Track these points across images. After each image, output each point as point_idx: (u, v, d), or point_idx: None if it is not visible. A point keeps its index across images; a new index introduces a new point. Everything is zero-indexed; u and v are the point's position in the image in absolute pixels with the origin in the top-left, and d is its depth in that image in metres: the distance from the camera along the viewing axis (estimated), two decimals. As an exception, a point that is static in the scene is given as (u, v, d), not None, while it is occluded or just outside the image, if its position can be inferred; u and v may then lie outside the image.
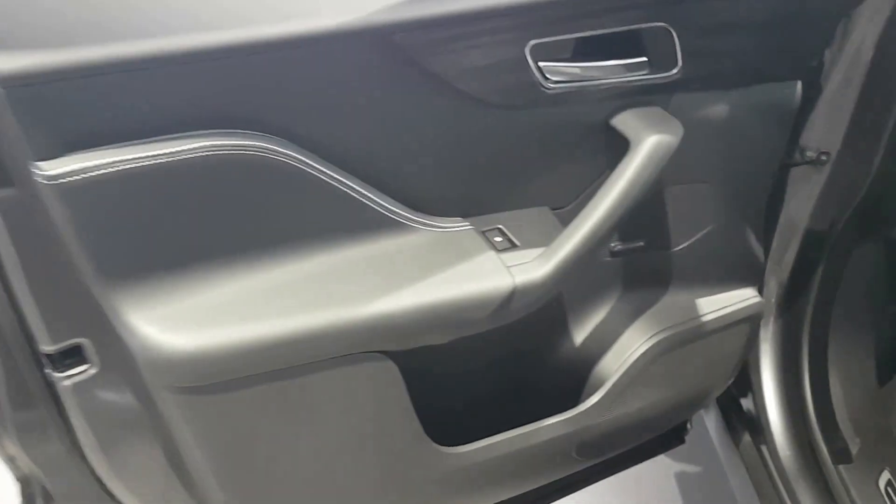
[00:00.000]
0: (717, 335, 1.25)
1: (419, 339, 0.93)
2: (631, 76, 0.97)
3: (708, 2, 0.95)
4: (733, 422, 1.57)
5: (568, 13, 0.88)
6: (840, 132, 1.33)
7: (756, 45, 1.02)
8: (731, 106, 1.07)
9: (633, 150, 0.95)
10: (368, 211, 0.90)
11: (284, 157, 0.82)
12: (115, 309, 0.79)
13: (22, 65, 0.68)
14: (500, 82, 0.90)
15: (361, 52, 0.81)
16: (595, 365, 1.18)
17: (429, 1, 0.80)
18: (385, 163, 0.90)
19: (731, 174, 1.14)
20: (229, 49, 0.76)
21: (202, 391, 0.85)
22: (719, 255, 1.22)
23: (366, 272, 0.89)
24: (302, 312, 0.84)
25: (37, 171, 0.72)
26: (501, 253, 0.95)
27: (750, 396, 1.53)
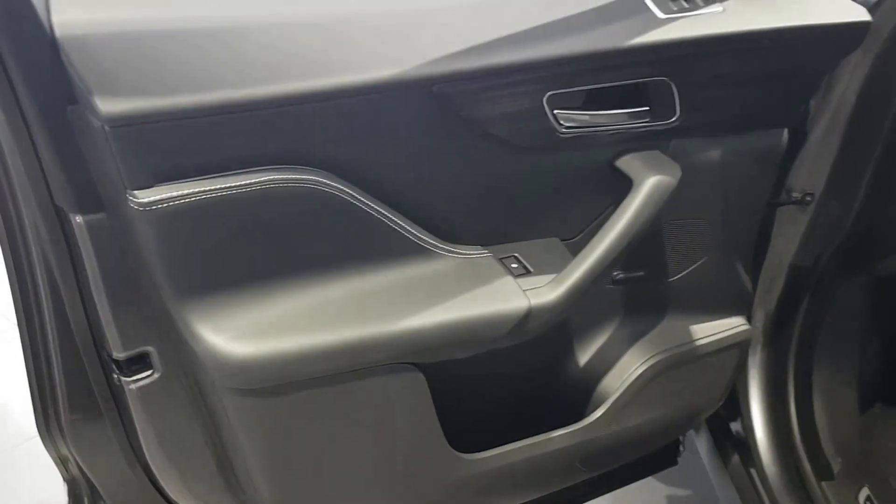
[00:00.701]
0: (708, 359, 1.35)
1: (445, 353, 1.03)
2: (634, 123, 1.08)
3: (704, 59, 1.06)
4: (723, 444, 1.65)
5: (579, 69, 1.00)
6: (824, 175, 1.44)
7: (746, 97, 1.13)
8: (724, 151, 1.18)
9: (635, 189, 1.07)
10: (402, 239, 1.01)
11: (334, 189, 0.93)
12: (186, 320, 0.90)
13: (126, 108, 0.80)
14: (521, 127, 1.01)
15: (404, 100, 0.93)
16: (598, 383, 1.28)
17: (462, 57, 0.92)
18: (418, 196, 1.02)
19: (722, 212, 1.24)
20: (290, 98, 0.87)
21: (258, 394, 0.96)
22: (711, 285, 1.32)
23: (399, 292, 1.00)
24: (345, 326, 0.95)
25: (132, 199, 0.83)
26: (518, 278, 1.06)
27: (739, 420, 1.61)
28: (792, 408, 1.57)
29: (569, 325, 1.25)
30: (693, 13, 1.04)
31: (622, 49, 0.99)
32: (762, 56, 1.08)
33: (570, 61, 0.97)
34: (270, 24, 0.88)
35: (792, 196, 1.46)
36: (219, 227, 0.88)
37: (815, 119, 1.45)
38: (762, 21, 1.05)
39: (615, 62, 1.01)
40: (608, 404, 1.26)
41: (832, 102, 1.42)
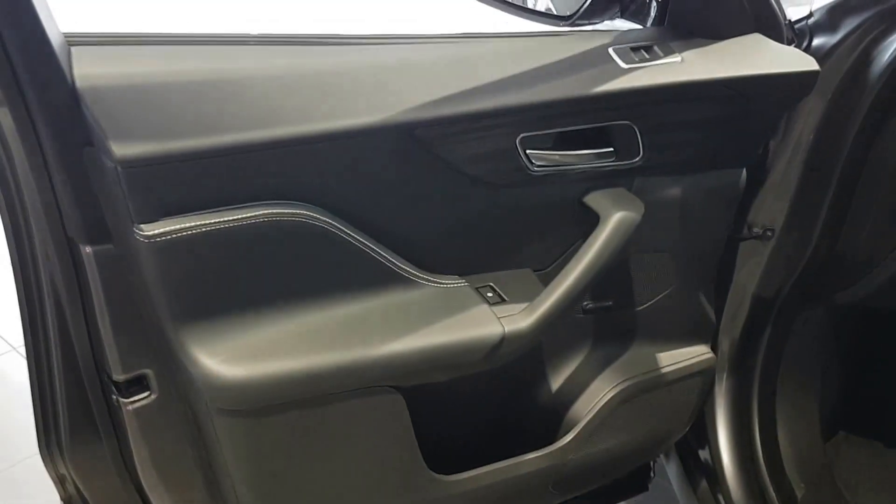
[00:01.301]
0: (674, 386, 1.43)
1: (425, 376, 1.11)
2: (601, 163, 1.17)
3: (664, 105, 1.15)
4: (692, 470, 1.70)
5: (549, 114, 1.08)
6: (783, 212, 1.52)
7: (704, 139, 1.22)
8: (685, 189, 1.27)
9: (602, 224, 1.15)
10: (385, 269, 1.08)
11: (323, 223, 1.01)
12: (182, 343, 0.97)
13: (136, 151, 0.88)
14: (495, 167, 1.10)
15: (387, 143, 1.01)
16: (570, 408, 1.35)
17: (441, 104, 1.01)
18: (399, 229, 1.09)
19: (685, 246, 1.33)
20: (283, 141, 0.95)
21: (247, 414, 1.02)
22: (676, 315, 1.40)
23: (382, 319, 1.08)
24: (330, 351, 1.02)
25: (138, 232, 0.91)
26: (493, 306, 1.14)
27: (707, 447, 1.68)
28: (757, 435, 1.64)
29: (542, 352, 1.33)
30: (653, 63, 1.13)
31: (588, 96, 1.07)
32: (717, 102, 1.17)
33: (540, 107, 1.06)
34: (266, 77, 0.97)
35: (753, 231, 1.54)
36: (216, 257, 0.96)
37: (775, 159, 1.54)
38: (717, 71, 1.14)
39: (582, 108, 1.09)
40: (579, 428, 1.33)
41: (790, 144, 1.51)
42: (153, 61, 0.94)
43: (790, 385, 1.68)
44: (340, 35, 1.06)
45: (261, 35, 1.02)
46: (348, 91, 0.99)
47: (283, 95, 0.96)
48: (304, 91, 0.98)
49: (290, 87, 0.97)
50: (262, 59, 1.00)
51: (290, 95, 0.97)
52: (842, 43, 1.40)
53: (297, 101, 0.97)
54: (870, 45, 1.36)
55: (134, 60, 0.93)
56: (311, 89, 0.98)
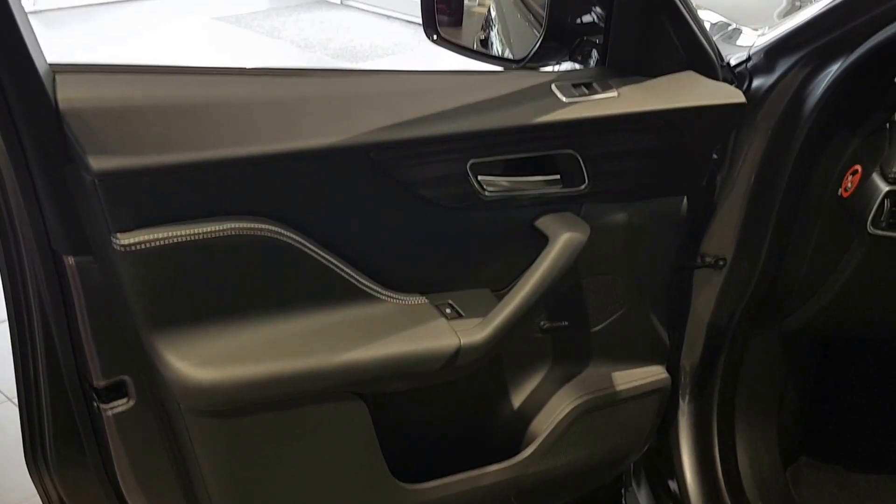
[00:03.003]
0: (629, 404, 1.50)
1: (384, 384, 1.19)
2: (548, 189, 1.27)
3: (602, 135, 1.26)
4: (660, 495, 1.77)
5: (496, 141, 1.20)
6: (733, 241, 1.63)
7: (643, 168, 1.32)
8: (630, 214, 1.36)
9: (550, 244, 1.24)
10: (347, 283, 1.18)
11: (287, 238, 1.10)
12: (156, 349, 1.06)
13: (112, 165, 0.98)
14: (448, 190, 1.20)
15: (345, 164, 1.12)
16: (530, 422, 1.43)
17: (394, 128, 1.12)
18: (359, 247, 1.19)
19: (632, 269, 1.42)
20: (248, 160, 1.06)
21: (217, 415, 1.11)
22: (629, 336, 1.48)
23: (343, 330, 1.16)
24: (294, 357, 1.11)
25: (115, 241, 1.00)
26: (450, 321, 1.22)
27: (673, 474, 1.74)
28: (717, 459, 1.70)
29: (503, 368, 1.41)
30: (591, 98, 1.25)
31: (531, 125, 1.19)
32: (651, 133, 1.28)
33: (487, 135, 1.17)
34: (233, 102, 1.08)
35: (706, 260, 1.63)
36: (187, 267, 1.05)
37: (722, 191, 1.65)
38: (649, 103, 1.26)
39: (526, 136, 1.20)
40: (538, 441, 1.40)
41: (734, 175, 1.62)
42: (130, 87, 1.05)
43: (748, 410, 1.74)
44: (305, 68, 1.18)
45: (229, 67, 1.14)
46: (310, 116, 1.10)
47: (249, 119, 1.07)
48: (269, 115, 1.09)
49: (257, 111, 1.08)
50: (230, 87, 1.11)
51: (256, 119, 1.08)
52: (779, 82, 1.51)
53: (263, 124, 1.08)
54: (805, 81, 1.47)
55: (112, 86, 1.04)
56: (277, 114, 1.09)
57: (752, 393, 1.74)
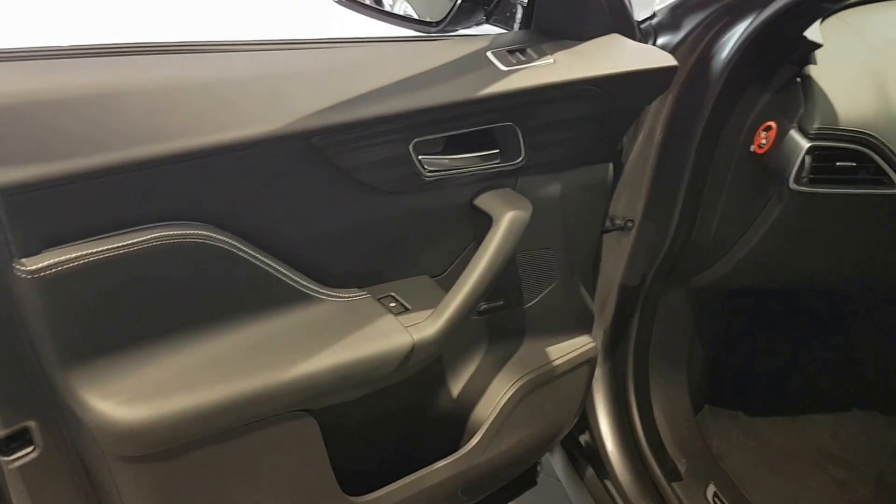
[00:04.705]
0: (564, 377, 1.46)
1: (338, 395, 1.07)
2: (488, 165, 1.19)
3: (540, 105, 1.19)
4: (576, 458, 1.76)
5: (440, 117, 1.09)
6: (641, 203, 1.61)
7: (578, 137, 1.27)
8: (563, 186, 1.31)
9: (495, 225, 1.16)
10: (286, 287, 1.04)
11: (219, 242, 0.95)
12: (71, 388, 0.88)
13: (11, 178, 0.79)
14: (390, 173, 1.09)
15: (285, 153, 0.97)
16: (472, 411, 1.36)
17: (339, 109, 0.99)
18: (298, 244, 1.06)
19: (565, 240, 1.37)
20: (172, 157, 0.89)
21: (152, 459, 0.94)
22: (560, 308, 1.44)
23: (287, 340, 1.03)
24: (237, 379, 0.97)
25: (19, 267, 0.82)
26: (397, 316, 1.12)
27: (589, 434, 1.74)
28: (636, 417, 1.72)
29: (441, 358, 1.32)
30: (529, 65, 1.17)
31: (475, 99, 1.09)
32: (587, 100, 1.22)
33: (432, 111, 1.06)
34: (150, 89, 0.91)
35: (615, 223, 1.62)
36: (106, 287, 0.88)
37: (628, 153, 1.63)
38: (587, 70, 1.19)
39: (470, 110, 1.11)
40: (483, 430, 1.33)
41: (640, 139, 1.61)
42: (26, 78, 0.85)
43: (661, 366, 1.77)
44: (223, 42, 1.01)
45: (141, 44, 0.95)
46: (239, 100, 0.95)
47: (170, 108, 0.90)
48: (192, 102, 0.92)
49: (177, 98, 0.91)
50: (145, 70, 0.93)
51: (178, 107, 0.91)
52: (685, 40, 1.50)
53: (186, 114, 0.91)
54: (711, 40, 1.47)
55: (4, 79, 0.84)
56: (200, 100, 0.92)
57: (664, 349, 1.77)
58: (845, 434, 1.90)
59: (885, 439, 1.88)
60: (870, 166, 1.41)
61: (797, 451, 1.86)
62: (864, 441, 1.88)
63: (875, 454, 1.84)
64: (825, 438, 1.90)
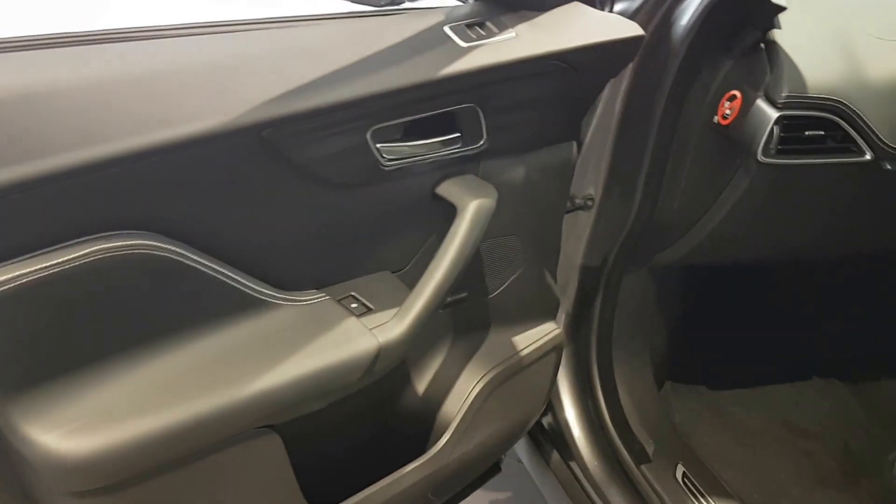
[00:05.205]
0: (532, 367, 1.40)
1: (302, 408, 0.98)
2: (449, 150, 1.11)
3: (503, 83, 1.11)
4: (541, 442, 1.71)
5: (400, 101, 1.00)
6: (601, 180, 1.56)
7: (542, 115, 1.19)
8: (526, 168, 1.23)
9: (460, 215, 1.09)
10: (240, 294, 0.95)
11: (164, 251, 0.85)
12: (10, 422, 0.78)
13: None
14: (348, 165, 1.00)
15: (234, 149, 0.87)
16: (439, 409, 1.28)
17: (291, 98, 0.89)
18: (251, 246, 0.96)
19: (530, 225, 1.30)
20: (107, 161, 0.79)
21: (104, 492, 0.85)
22: (526, 296, 1.37)
23: (246, 353, 0.94)
24: (194, 399, 0.87)
25: None
26: (360, 317, 1.04)
27: (554, 418, 1.69)
28: (601, 399, 1.67)
29: (405, 358, 1.24)
30: (491, 41, 1.08)
31: (436, 80, 1.00)
32: (552, 75, 1.15)
33: (392, 95, 0.97)
34: (79, 85, 0.79)
35: (575, 202, 1.56)
36: (42, 311, 0.78)
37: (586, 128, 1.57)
38: (551, 43, 1.11)
39: (431, 92, 1.02)
40: (452, 429, 1.26)
41: (598, 112, 1.54)
42: None
43: (624, 347, 1.73)
44: (152, 27, 0.90)
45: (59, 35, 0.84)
46: (178, 94, 0.84)
47: (100, 106, 0.79)
48: (124, 98, 0.81)
49: (108, 95, 0.80)
50: (71, 64, 0.82)
51: (109, 105, 0.80)
52: (643, 6, 1.43)
53: (119, 112, 0.80)
54: (672, 5, 1.40)
55: None
56: (134, 96, 0.82)
57: (627, 329, 1.73)
58: (809, 404, 1.89)
59: (848, 408, 1.88)
60: (836, 134, 1.37)
61: (762, 424, 1.85)
62: (828, 410, 1.87)
63: (839, 423, 1.83)
64: (789, 409, 1.88)
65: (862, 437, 1.80)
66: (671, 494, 1.51)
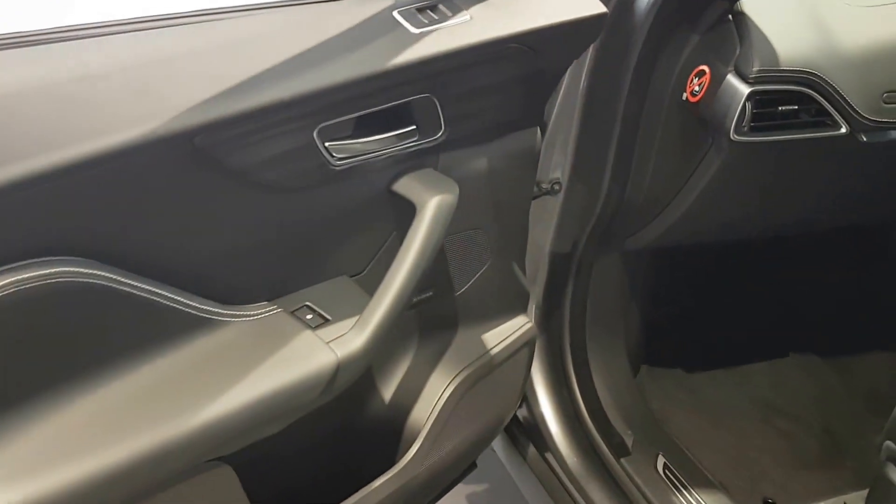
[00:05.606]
0: (505, 364, 1.34)
1: (255, 434, 0.91)
2: (404, 144, 1.03)
3: (459, 72, 1.03)
4: (517, 436, 1.66)
5: (349, 96, 0.92)
6: (568, 164, 1.49)
7: (503, 102, 1.12)
8: (489, 158, 1.16)
9: (420, 213, 1.01)
10: (180, 315, 0.87)
11: (89, 277, 0.77)
12: None
13: None
14: (293, 168, 0.92)
15: (163, 159, 0.79)
16: (407, 418, 1.22)
17: (225, 99, 0.80)
18: (191, 262, 0.88)
19: (496, 217, 1.23)
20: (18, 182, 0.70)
21: None
22: (495, 290, 1.30)
23: (189, 380, 0.86)
24: (129, 439, 0.79)
25: None
26: (316, 330, 0.96)
27: (529, 411, 1.64)
28: (576, 390, 1.62)
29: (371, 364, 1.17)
30: (444, 25, 1.00)
31: (386, 70, 0.92)
32: (512, 59, 1.07)
33: (339, 89, 0.89)
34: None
35: (542, 187, 1.50)
36: None
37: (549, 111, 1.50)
38: (510, 25, 1.04)
39: (382, 84, 0.94)
40: (422, 438, 1.19)
41: (562, 92, 1.47)
42: None
43: (597, 334, 1.68)
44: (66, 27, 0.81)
45: None
46: (98, 101, 0.75)
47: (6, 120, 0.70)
48: (37, 110, 0.72)
49: (16, 106, 0.71)
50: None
51: (17, 118, 0.71)
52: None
53: (30, 125, 0.71)
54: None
55: None
56: (48, 106, 0.73)
57: (600, 316, 1.68)
58: (786, 382, 1.85)
59: (826, 386, 1.85)
60: (810, 108, 1.31)
61: (739, 405, 1.81)
62: (806, 389, 1.84)
63: (818, 402, 1.80)
64: (766, 388, 1.85)
65: (842, 415, 1.77)
66: (653, 488, 1.47)
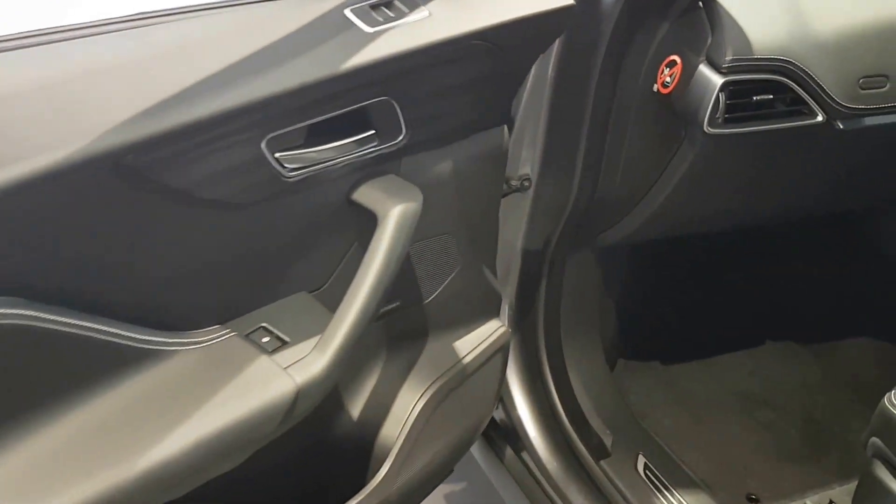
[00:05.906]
0: (479, 372, 1.28)
1: (210, 472, 0.84)
2: (363, 150, 0.97)
3: (419, 72, 0.97)
4: (494, 439, 1.62)
5: (299, 103, 0.86)
6: (537, 160, 1.43)
7: (465, 102, 1.06)
8: (454, 160, 1.10)
9: (381, 224, 0.95)
10: (118, 349, 0.80)
11: (13, 318, 0.70)
12: None
13: None
14: (240, 182, 0.85)
15: (90, 183, 0.72)
16: (377, 434, 1.16)
17: (159, 114, 0.73)
18: (132, 290, 0.81)
19: (463, 221, 1.17)
20: None
21: None
22: (465, 296, 1.25)
23: (134, 419, 0.79)
24: (70, 487, 0.73)
25: None
26: (273, 354, 0.90)
27: (505, 412, 1.59)
28: (553, 390, 1.58)
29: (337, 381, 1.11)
30: (399, 22, 0.94)
31: (339, 74, 0.86)
32: (474, 58, 1.01)
33: (288, 96, 0.82)
34: None
35: (511, 184, 1.44)
36: None
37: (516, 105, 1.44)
38: (471, 21, 0.98)
39: (335, 89, 0.88)
40: (393, 454, 1.14)
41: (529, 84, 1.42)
42: None
43: (573, 332, 1.64)
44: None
45: None
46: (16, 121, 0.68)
47: None
48: None
49: None
50: None
51: None
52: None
53: None
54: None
55: None
56: None
57: (575, 313, 1.63)
58: (766, 373, 1.82)
59: (805, 374, 1.82)
60: (786, 97, 1.27)
61: (718, 397, 1.77)
62: (787, 378, 1.81)
63: (797, 391, 1.77)
64: (744, 379, 1.81)
65: (825, 403, 1.74)
66: (634, 490, 1.43)
